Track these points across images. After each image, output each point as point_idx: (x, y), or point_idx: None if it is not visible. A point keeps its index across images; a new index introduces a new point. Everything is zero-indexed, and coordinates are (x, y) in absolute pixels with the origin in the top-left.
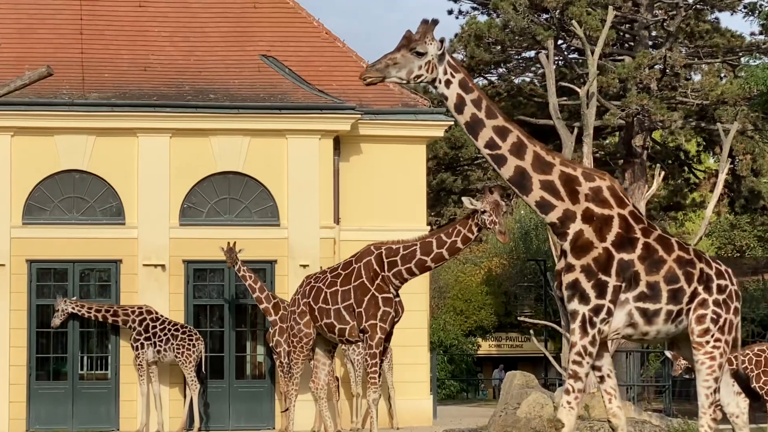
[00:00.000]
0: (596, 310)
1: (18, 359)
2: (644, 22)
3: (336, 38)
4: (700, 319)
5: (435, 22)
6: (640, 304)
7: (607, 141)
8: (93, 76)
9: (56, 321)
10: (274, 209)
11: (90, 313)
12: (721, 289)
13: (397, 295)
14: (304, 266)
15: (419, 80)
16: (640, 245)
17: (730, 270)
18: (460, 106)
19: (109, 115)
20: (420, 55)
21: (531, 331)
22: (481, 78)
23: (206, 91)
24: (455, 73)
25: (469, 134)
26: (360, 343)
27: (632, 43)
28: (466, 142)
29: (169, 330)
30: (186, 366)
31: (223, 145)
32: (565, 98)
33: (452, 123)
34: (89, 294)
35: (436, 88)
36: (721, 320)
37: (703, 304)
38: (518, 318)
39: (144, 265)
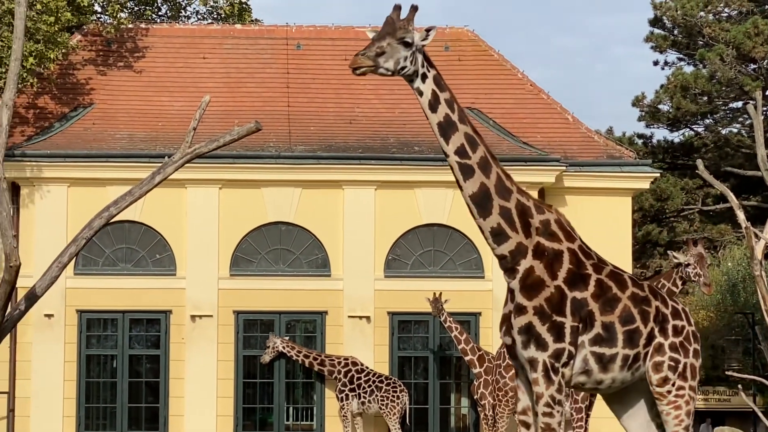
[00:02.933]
0: (557, 355)
1: (225, 409)
2: None
3: (540, 90)
4: (658, 367)
5: (414, 8)
6: (596, 349)
7: None
8: (299, 129)
9: (266, 358)
10: (479, 261)
11: (299, 356)
12: (677, 331)
13: None
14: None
15: (403, 72)
16: (592, 282)
17: (686, 309)
18: (434, 104)
19: (315, 167)
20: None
21: (739, 386)
22: (688, 128)
23: (411, 144)
24: (430, 68)
25: (439, 136)
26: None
27: None
28: (673, 194)
29: (374, 381)
30: (390, 417)
31: (428, 197)
32: None
33: (658, 175)
34: None
35: (412, 81)
36: (681, 366)
37: (659, 349)
38: (726, 372)
39: (349, 316)
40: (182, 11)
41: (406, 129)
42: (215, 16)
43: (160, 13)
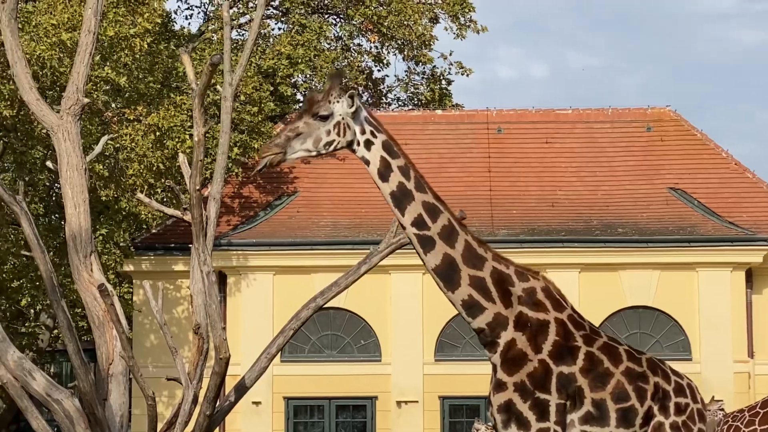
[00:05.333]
0: None
1: None
2: None
3: (745, 168)
4: None
5: (339, 74)
6: (587, 428)
7: None
8: (501, 213)
9: None
10: (686, 343)
11: None
12: (680, 409)
13: None
14: (718, 401)
15: (331, 148)
16: (581, 355)
17: (693, 384)
18: (384, 172)
19: (518, 251)
20: (324, 118)
21: None
22: None
23: (614, 226)
24: (377, 133)
25: (393, 207)
26: None
27: None
28: None
29: None
30: None
31: (633, 280)
32: None
33: None
34: None
35: (354, 151)
36: None
37: (659, 429)
38: None
39: None
40: (383, 98)
41: (609, 210)
42: (416, 102)
43: (361, 101)
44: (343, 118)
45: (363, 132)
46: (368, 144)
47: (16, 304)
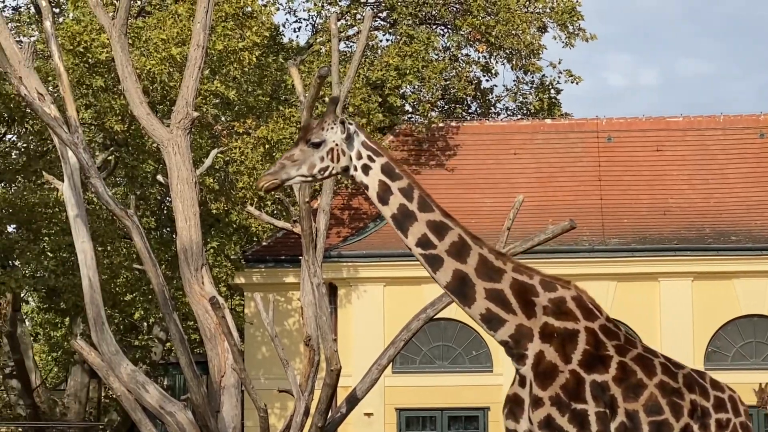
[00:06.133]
0: None
1: None
2: None
3: None
4: None
5: (334, 101)
6: None
7: None
8: (612, 222)
9: None
10: None
11: None
12: (721, 425)
13: None
14: None
15: (326, 173)
16: (614, 364)
17: (736, 395)
18: (383, 195)
19: (630, 260)
20: (317, 145)
21: None
22: None
23: (727, 234)
24: (375, 157)
25: (396, 230)
26: None
27: None
28: None
29: None
30: None
31: (747, 288)
32: None
33: None
34: None
35: (352, 177)
36: None
37: None
38: None
39: None
40: (492, 108)
41: (722, 218)
42: (525, 112)
43: (470, 111)
44: (337, 145)
45: (360, 157)
46: (366, 169)
47: (129, 318)
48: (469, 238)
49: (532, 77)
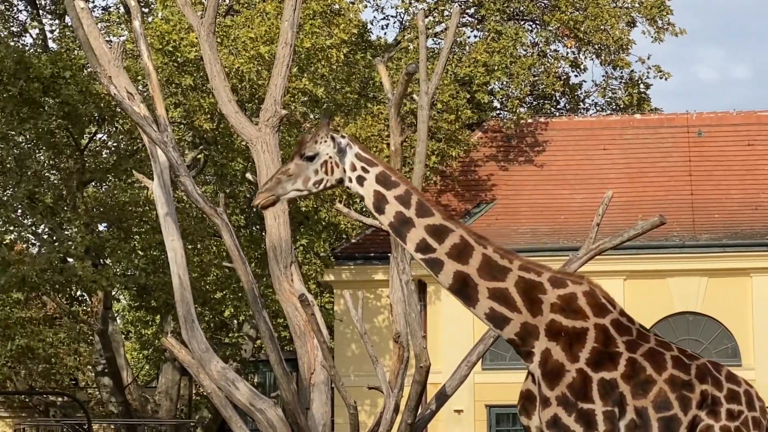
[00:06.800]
0: None
1: None
2: None
3: None
4: None
5: (328, 115)
6: None
7: None
8: (703, 217)
9: None
10: None
11: None
12: (732, 415)
13: None
14: None
15: (321, 186)
16: (623, 361)
17: (753, 390)
18: (379, 205)
19: (721, 255)
20: (311, 159)
21: None
22: None
23: None
24: (369, 167)
25: (396, 237)
26: None
27: None
28: None
29: None
30: None
31: None
32: None
33: None
34: None
35: (348, 188)
36: None
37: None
38: None
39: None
40: (581, 103)
41: None
42: (614, 107)
43: (558, 107)
44: (330, 157)
45: (354, 168)
46: (360, 180)
47: (219, 315)
48: (472, 239)
49: (621, 72)
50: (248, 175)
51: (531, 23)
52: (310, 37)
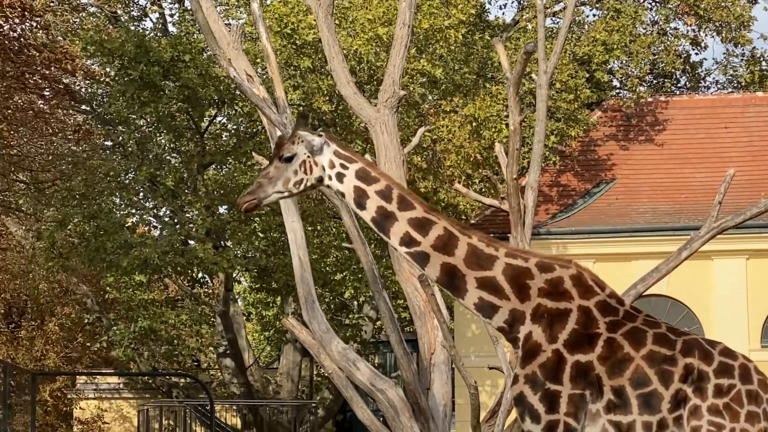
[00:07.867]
0: (549, 428)
1: None
2: None
3: None
4: None
5: (303, 116)
6: (611, 417)
7: None
8: None
9: None
10: None
11: None
12: (721, 391)
13: None
14: None
15: (302, 186)
16: (600, 342)
17: (750, 364)
18: (360, 201)
19: None
20: (289, 160)
21: None
22: None
23: None
24: (348, 164)
25: (379, 232)
26: None
27: None
28: None
29: None
30: None
31: None
32: None
33: None
34: None
35: (328, 186)
36: None
37: (695, 412)
38: None
39: None
40: (701, 81)
41: None
42: (735, 85)
43: (678, 85)
44: (308, 157)
45: (332, 166)
46: (340, 177)
47: (339, 296)
48: (456, 230)
49: (743, 50)
50: (367, 156)
51: (651, 1)
52: (428, 18)
